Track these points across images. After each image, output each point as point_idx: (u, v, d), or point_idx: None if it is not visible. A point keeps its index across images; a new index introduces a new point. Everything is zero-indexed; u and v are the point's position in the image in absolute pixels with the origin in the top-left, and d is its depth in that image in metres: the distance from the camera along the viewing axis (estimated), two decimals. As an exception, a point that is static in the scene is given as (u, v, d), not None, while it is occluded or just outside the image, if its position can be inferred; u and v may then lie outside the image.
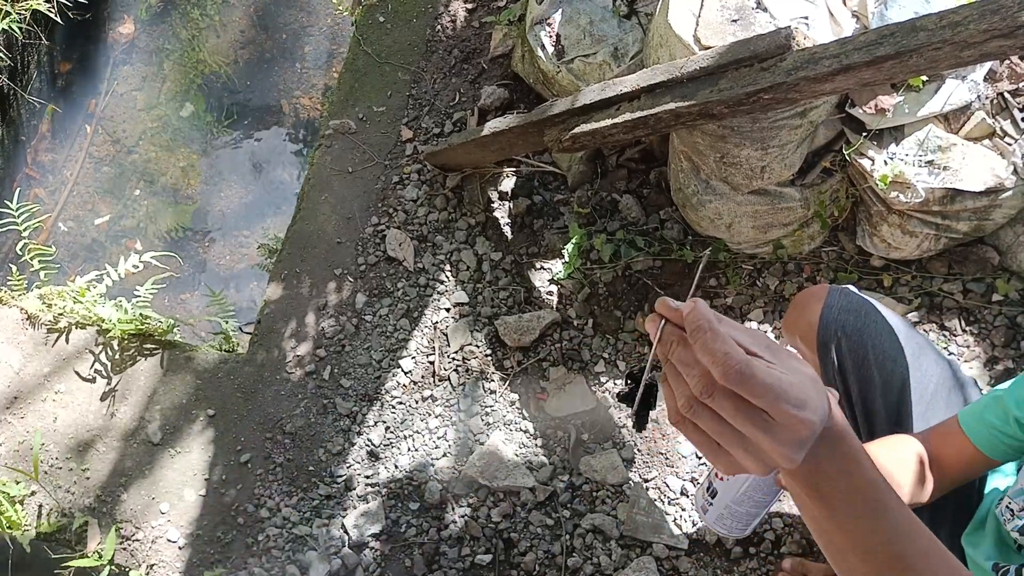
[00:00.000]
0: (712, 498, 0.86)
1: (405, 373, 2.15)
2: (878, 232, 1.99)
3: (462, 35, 2.59)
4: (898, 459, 1.18)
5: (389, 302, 2.24)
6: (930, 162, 1.83)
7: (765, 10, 1.71)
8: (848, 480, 0.69)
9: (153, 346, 2.25)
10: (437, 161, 2.34)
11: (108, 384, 2.21)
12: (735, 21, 1.70)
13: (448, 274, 2.26)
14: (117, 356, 2.23)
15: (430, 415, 2.11)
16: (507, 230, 2.30)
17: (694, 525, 1.92)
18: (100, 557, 1.98)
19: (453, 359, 2.16)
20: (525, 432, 2.06)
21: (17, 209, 2.34)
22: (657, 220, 2.21)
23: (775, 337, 2.06)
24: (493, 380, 2.12)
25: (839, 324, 1.35)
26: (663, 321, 0.68)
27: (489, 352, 2.15)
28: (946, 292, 2.01)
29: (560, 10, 2.18)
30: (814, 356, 1.41)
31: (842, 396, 1.36)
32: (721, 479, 0.85)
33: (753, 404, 0.61)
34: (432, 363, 2.16)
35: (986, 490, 1.30)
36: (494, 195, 2.34)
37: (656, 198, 2.22)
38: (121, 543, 2.04)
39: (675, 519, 1.92)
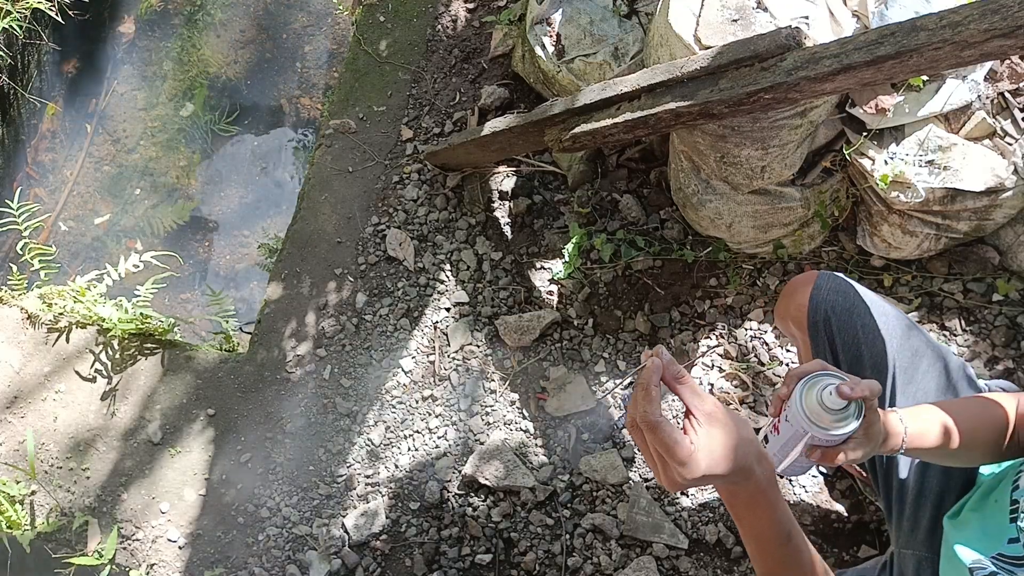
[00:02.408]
0: (766, 443, 1.10)
1: (405, 373, 2.15)
2: (878, 232, 1.99)
3: (462, 35, 2.59)
4: (988, 416, 1.19)
5: (389, 302, 2.24)
6: (930, 162, 1.83)
7: (765, 10, 1.70)
8: (752, 519, 0.93)
9: (153, 346, 2.25)
10: (437, 161, 2.34)
11: (108, 384, 2.21)
12: (735, 21, 1.70)
13: (448, 274, 2.26)
14: (117, 356, 2.23)
15: (430, 415, 2.11)
16: (507, 230, 2.30)
17: (693, 526, 1.92)
18: (100, 556, 1.98)
19: (453, 359, 2.16)
20: (525, 432, 2.06)
21: (17, 209, 2.34)
22: (657, 220, 2.21)
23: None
24: (493, 380, 2.12)
25: (828, 304, 1.39)
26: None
27: (489, 352, 2.15)
28: (946, 292, 2.01)
29: (560, 10, 2.18)
30: (805, 337, 1.42)
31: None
32: (776, 432, 1.10)
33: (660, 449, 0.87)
34: (432, 363, 2.16)
35: (982, 471, 1.31)
36: (494, 195, 2.34)
37: (656, 198, 2.22)
38: (121, 543, 2.04)
39: (675, 519, 1.92)
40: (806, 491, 1.91)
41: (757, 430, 1.98)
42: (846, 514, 1.88)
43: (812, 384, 1.04)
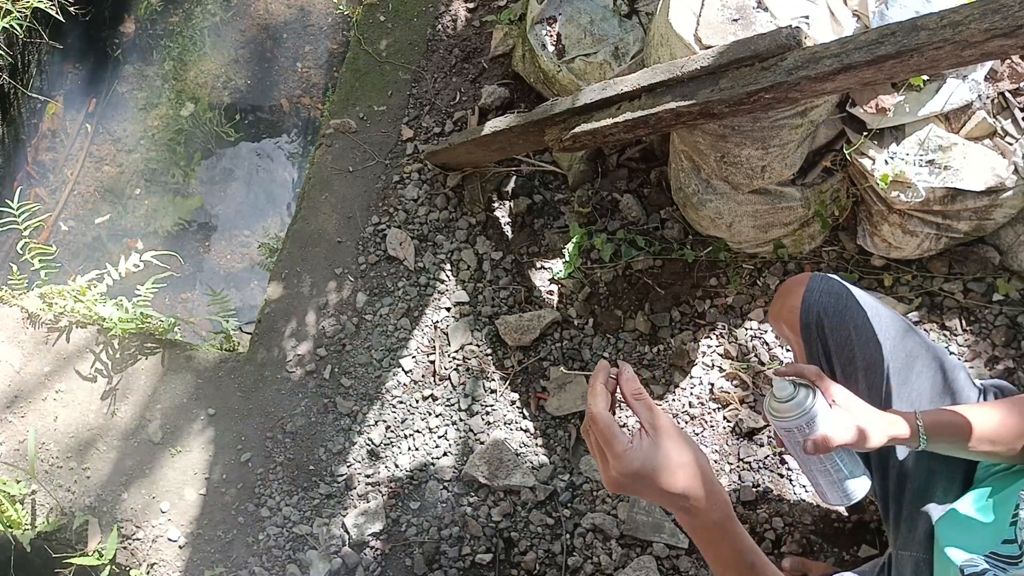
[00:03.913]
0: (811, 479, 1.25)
1: (406, 372, 2.15)
2: (879, 232, 1.99)
3: (463, 34, 2.59)
4: (1012, 421, 1.20)
5: (390, 301, 2.24)
6: (931, 161, 1.83)
7: (766, 9, 1.70)
8: (714, 551, 0.95)
9: (154, 345, 2.25)
10: (438, 160, 2.34)
11: (109, 383, 2.21)
12: (736, 20, 1.70)
13: (449, 273, 2.26)
14: (118, 355, 2.23)
15: (430, 414, 2.11)
16: (507, 229, 2.30)
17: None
18: (101, 556, 1.98)
19: (454, 358, 2.16)
20: (525, 431, 2.06)
21: (18, 208, 2.35)
22: (658, 220, 2.21)
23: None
24: (493, 379, 2.12)
25: (820, 306, 1.39)
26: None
27: (489, 351, 2.15)
28: (947, 292, 2.01)
29: (561, 9, 2.18)
30: (799, 339, 1.42)
31: (827, 376, 1.38)
32: (795, 459, 1.23)
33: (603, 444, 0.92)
34: (433, 362, 2.16)
35: (979, 472, 1.32)
36: (494, 194, 2.34)
37: (657, 197, 2.22)
38: (122, 542, 2.04)
39: (675, 518, 1.92)
40: (806, 491, 1.91)
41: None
42: (846, 514, 1.88)
43: (768, 394, 1.20)
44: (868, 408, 1.17)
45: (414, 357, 2.17)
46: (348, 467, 2.07)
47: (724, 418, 2.00)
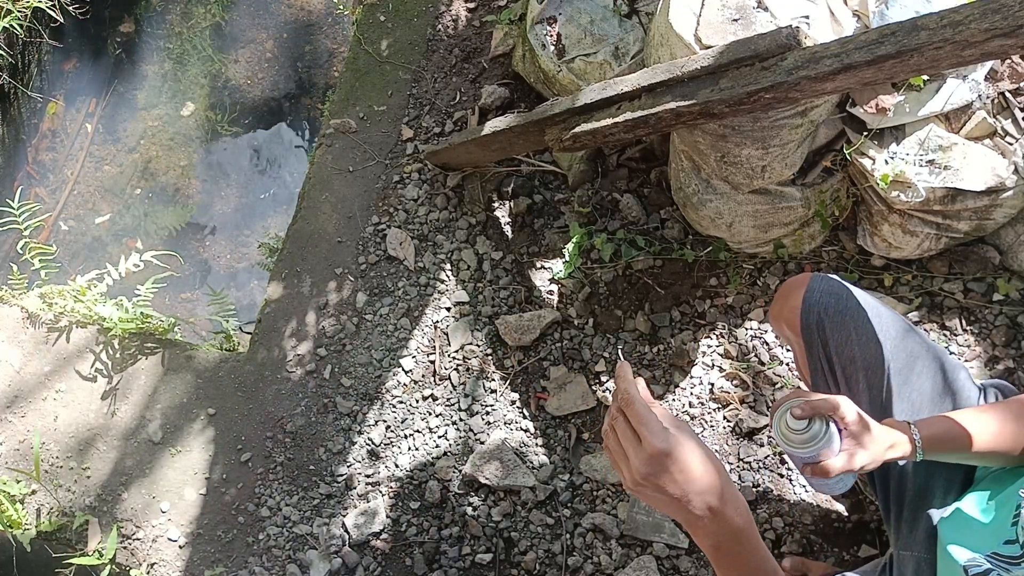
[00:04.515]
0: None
1: (406, 372, 2.15)
2: (879, 232, 1.99)
3: (463, 34, 2.59)
4: (1011, 427, 1.20)
5: (390, 301, 2.24)
6: (931, 161, 1.83)
7: (766, 9, 1.70)
8: (736, 560, 0.93)
9: (154, 345, 2.25)
10: (438, 160, 2.34)
11: (109, 383, 2.21)
12: (736, 20, 1.70)
13: (449, 273, 2.26)
14: (118, 355, 2.23)
15: (431, 414, 2.11)
16: (507, 229, 2.30)
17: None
18: (101, 556, 1.98)
19: (454, 358, 2.16)
20: (526, 431, 2.06)
21: (18, 208, 2.35)
22: (658, 219, 2.21)
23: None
24: (494, 379, 2.12)
25: (821, 306, 1.38)
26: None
27: (490, 351, 2.15)
28: (947, 292, 2.01)
29: (561, 9, 2.18)
30: (800, 340, 1.42)
31: (828, 377, 1.40)
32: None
33: (634, 429, 0.89)
34: (433, 362, 2.16)
35: (980, 472, 1.32)
36: (494, 194, 2.34)
37: (657, 197, 2.22)
38: (122, 542, 2.04)
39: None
40: (806, 491, 1.91)
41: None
42: (846, 514, 1.88)
43: (781, 413, 1.16)
44: (873, 432, 1.16)
45: (414, 357, 2.17)
46: (348, 467, 2.07)
47: (724, 418, 2.00)
